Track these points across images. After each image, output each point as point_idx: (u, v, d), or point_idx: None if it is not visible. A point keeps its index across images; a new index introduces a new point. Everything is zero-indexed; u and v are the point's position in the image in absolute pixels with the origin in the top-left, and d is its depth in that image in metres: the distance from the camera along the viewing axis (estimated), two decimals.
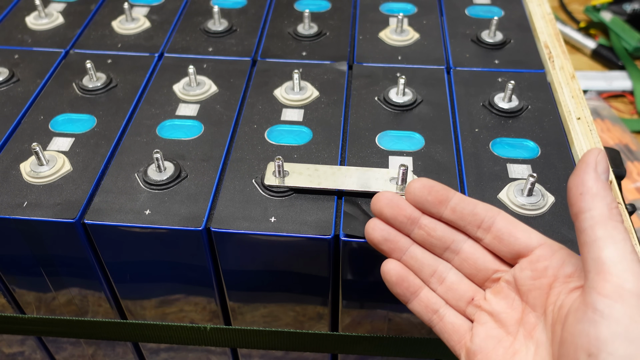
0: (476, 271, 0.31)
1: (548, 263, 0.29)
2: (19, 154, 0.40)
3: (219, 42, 0.51)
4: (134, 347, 0.49)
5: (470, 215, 0.31)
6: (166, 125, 0.43)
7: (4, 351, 0.51)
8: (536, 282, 0.29)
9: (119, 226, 0.36)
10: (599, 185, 0.27)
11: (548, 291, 0.29)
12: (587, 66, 0.94)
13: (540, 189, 0.37)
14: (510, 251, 0.30)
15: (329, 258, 0.37)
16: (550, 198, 0.37)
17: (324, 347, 0.44)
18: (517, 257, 0.30)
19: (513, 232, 0.30)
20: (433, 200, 0.31)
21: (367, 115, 0.44)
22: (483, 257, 0.31)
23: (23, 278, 0.42)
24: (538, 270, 0.29)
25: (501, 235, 0.30)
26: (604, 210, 0.26)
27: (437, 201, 0.31)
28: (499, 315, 0.30)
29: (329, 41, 0.52)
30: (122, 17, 0.54)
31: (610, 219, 0.26)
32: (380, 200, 0.32)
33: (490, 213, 0.30)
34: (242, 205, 0.37)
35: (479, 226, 0.31)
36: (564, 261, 0.29)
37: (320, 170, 0.38)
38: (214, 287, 0.40)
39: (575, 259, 0.29)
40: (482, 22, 0.54)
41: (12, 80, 0.47)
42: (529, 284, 0.29)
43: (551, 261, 0.29)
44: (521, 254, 0.30)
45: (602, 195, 0.27)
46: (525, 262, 0.29)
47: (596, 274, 0.25)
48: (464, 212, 0.31)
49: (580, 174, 0.27)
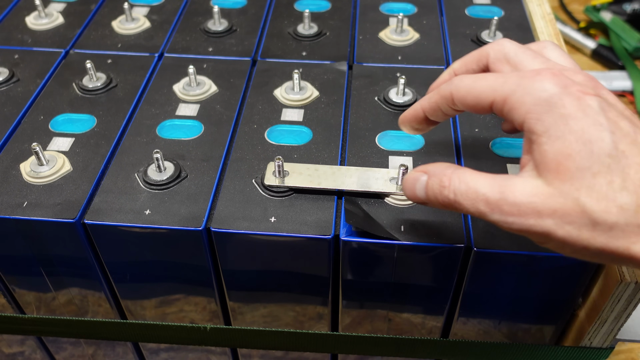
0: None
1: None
2: (19, 154, 0.40)
3: (219, 42, 0.51)
4: (134, 347, 0.49)
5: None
6: (166, 125, 0.43)
7: (4, 351, 0.51)
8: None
9: (119, 226, 0.36)
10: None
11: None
12: (587, 66, 0.94)
13: None
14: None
15: (329, 258, 0.37)
16: None
17: (324, 347, 0.44)
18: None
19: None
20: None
21: (367, 115, 0.44)
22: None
23: (23, 278, 0.42)
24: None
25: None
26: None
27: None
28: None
29: (329, 41, 0.52)
30: (122, 17, 0.54)
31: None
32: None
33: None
34: (242, 205, 0.37)
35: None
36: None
37: (320, 170, 0.38)
38: (214, 287, 0.40)
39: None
40: (482, 22, 0.54)
41: (12, 80, 0.47)
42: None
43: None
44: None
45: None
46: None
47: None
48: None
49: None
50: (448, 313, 0.41)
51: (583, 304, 0.40)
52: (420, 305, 0.41)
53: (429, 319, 0.42)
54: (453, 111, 0.32)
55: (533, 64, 0.30)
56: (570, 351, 0.41)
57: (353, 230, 0.36)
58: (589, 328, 0.39)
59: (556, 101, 0.26)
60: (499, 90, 0.28)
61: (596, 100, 0.26)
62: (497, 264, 0.36)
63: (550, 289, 0.38)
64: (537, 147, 0.27)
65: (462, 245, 0.35)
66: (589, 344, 0.40)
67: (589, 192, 0.25)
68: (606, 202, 0.25)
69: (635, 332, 0.41)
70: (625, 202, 0.24)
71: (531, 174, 0.27)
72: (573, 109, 0.26)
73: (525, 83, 0.27)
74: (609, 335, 0.39)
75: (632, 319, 0.38)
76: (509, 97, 0.28)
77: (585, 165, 0.25)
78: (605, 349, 0.40)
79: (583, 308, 0.40)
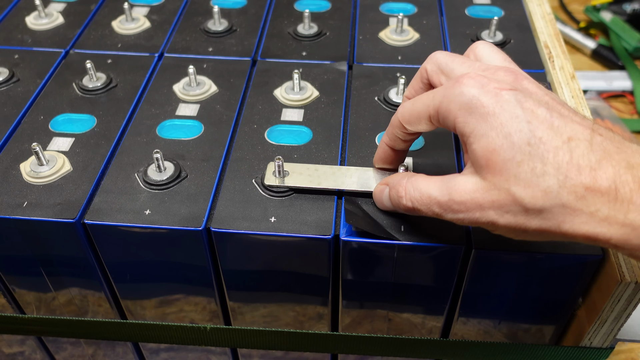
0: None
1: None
2: (19, 154, 0.40)
3: (219, 42, 0.51)
4: (134, 347, 0.49)
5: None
6: (166, 125, 0.43)
7: (4, 351, 0.51)
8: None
9: (119, 226, 0.36)
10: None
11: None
12: (587, 66, 0.94)
13: None
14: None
15: (329, 258, 0.37)
16: None
17: (324, 347, 0.44)
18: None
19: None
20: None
21: (367, 115, 0.44)
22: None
23: (23, 278, 0.42)
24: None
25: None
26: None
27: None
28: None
29: (329, 41, 0.52)
30: (122, 17, 0.54)
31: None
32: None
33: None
34: (242, 205, 0.37)
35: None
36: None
37: (321, 170, 0.38)
38: (214, 287, 0.40)
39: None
40: (482, 22, 0.54)
41: (12, 80, 0.47)
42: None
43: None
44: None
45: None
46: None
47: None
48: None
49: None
50: (448, 313, 0.41)
51: (583, 304, 0.40)
52: (420, 305, 0.41)
53: (429, 319, 0.42)
54: (409, 136, 0.34)
55: (461, 69, 0.32)
56: (570, 351, 0.41)
57: (353, 230, 0.36)
58: (589, 328, 0.39)
59: (475, 102, 0.28)
60: (430, 105, 0.31)
61: (512, 94, 0.28)
62: (497, 264, 0.36)
63: (550, 289, 0.38)
64: (469, 147, 0.29)
65: (462, 245, 0.35)
66: (589, 344, 0.40)
67: (516, 181, 0.27)
68: (532, 189, 0.27)
69: (635, 332, 0.41)
70: (548, 185, 0.26)
71: (470, 171, 0.29)
72: (491, 106, 0.28)
73: (449, 92, 0.29)
74: (609, 335, 0.39)
75: (632, 319, 0.38)
76: (439, 108, 0.30)
77: (509, 157, 0.27)
78: (605, 349, 0.40)
79: (583, 308, 0.40)
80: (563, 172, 0.26)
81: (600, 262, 0.36)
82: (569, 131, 0.27)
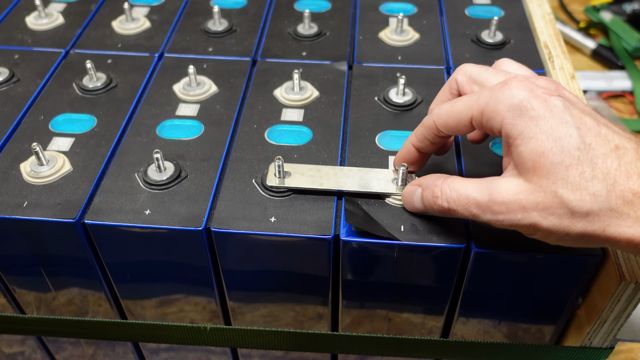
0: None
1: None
2: (19, 154, 0.40)
3: (219, 42, 0.51)
4: (134, 347, 0.49)
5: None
6: (166, 125, 0.43)
7: (4, 351, 0.51)
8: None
9: (119, 226, 0.36)
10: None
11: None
12: (587, 66, 0.94)
13: None
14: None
15: (329, 258, 0.37)
16: None
17: (324, 347, 0.44)
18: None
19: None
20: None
21: (367, 115, 0.44)
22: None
23: (23, 278, 0.42)
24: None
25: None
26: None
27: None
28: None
29: (329, 41, 0.52)
30: (122, 17, 0.54)
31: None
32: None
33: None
34: (242, 205, 0.37)
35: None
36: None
37: (322, 171, 0.38)
38: (214, 287, 0.40)
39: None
40: (482, 22, 0.54)
41: (12, 80, 0.47)
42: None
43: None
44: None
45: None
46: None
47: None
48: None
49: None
50: (448, 313, 0.41)
51: (583, 304, 0.40)
52: (420, 305, 0.41)
53: (429, 319, 0.42)
54: (439, 139, 0.34)
55: (497, 78, 0.33)
56: (570, 351, 0.41)
57: (353, 230, 0.36)
58: (589, 328, 0.39)
59: (526, 104, 0.29)
60: (474, 106, 0.31)
61: (560, 100, 0.29)
62: (497, 264, 0.36)
63: (551, 289, 0.38)
64: (515, 149, 0.29)
65: (462, 245, 0.35)
66: (589, 344, 0.40)
67: (564, 184, 0.28)
68: (580, 192, 0.27)
69: (635, 332, 0.41)
70: (596, 189, 0.27)
71: (512, 173, 0.30)
72: (541, 110, 0.28)
73: (496, 94, 0.30)
74: (609, 335, 0.39)
75: (632, 319, 0.38)
76: (485, 109, 0.30)
77: (558, 160, 0.28)
78: (605, 348, 0.40)
79: (583, 308, 0.40)
80: (612, 177, 0.27)
81: (600, 262, 0.36)
82: (616, 140, 0.28)
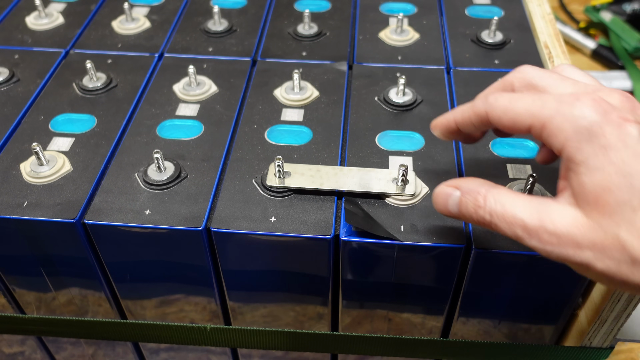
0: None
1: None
2: (19, 154, 0.40)
3: (219, 42, 0.51)
4: (134, 347, 0.49)
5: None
6: (166, 125, 0.43)
7: (4, 351, 0.51)
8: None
9: (119, 226, 0.36)
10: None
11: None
12: (587, 66, 0.94)
13: (540, 189, 0.37)
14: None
15: (329, 258, 0.37)
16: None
17: (324, 347, 0.44)
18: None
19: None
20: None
21: (367, 115, 0.44)
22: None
23: (23, 278, 0.42)
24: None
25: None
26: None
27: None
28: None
29: (329, 41, 0.52)
30: (122, 17, 0.54)
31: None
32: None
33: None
34: (242, 205, 0.37)
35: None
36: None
37: (323, 171, 0.38)
38: (214, 287, 0.40)
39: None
40: (482, 22, 0.54)
41: (12, 80, 0.47)
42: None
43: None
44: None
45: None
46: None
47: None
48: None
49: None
50: (448, 313, 0.41)
51: (583, 304, 0.40)
52: (420, 305, 0.41)
53: (429, 319, 0.42)
54: (485, 127, 0.31)
55: (564, 86, 0.29)
56: (570, 351, 0.41)
57: (353, 230, 0.36)
58: (589, 328, 0.39)
59: (597, 130, 0.26)
60: (537, 115, 0.28)
61: (636, 128, 0.26)
62: (497, 264, 0.36)
63: (550, 289, 0.38)
64: (576, 176, 0.26)
65: (462, 245, 0.35)
66: (589, 344, 0.40)
67: (629, 228, 0.24)
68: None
69: (635, 332, 0.41)
70: None
71: (569, 201, 0.27)
72: (613, 138, 0.25)
73: (565, 109, 0.27)
74: (609, 335, 0.39)
75: (632, 319, 0.38)
76: (548, 122, 0.27)
77: (625, 199, 0.24)
78: (605, 348, 0.40)
79: (583, 308, 0.40)
80: None
81: None
82: None
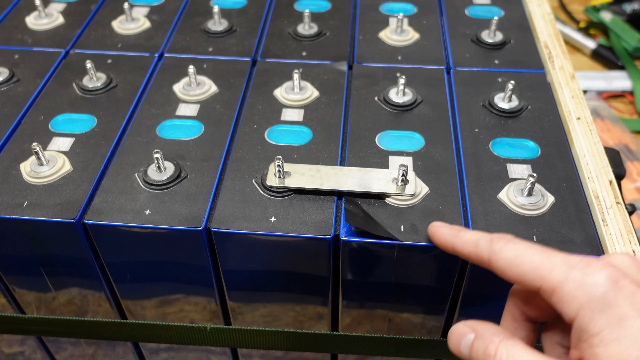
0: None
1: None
2: (19, 154, 0.40)
3: (219, 42, 0.51)
4: (134, 347, 0.49)
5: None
6: (166, 125, 0.43)
7: (4, 351, 0.51)
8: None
9: (119, 226, 0.36)
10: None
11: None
12: (587, 66, 0.94)
13: (540, 189, 0.37)
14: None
15: (329, 258, 0.37)
16: (550, 198, 0.37)
17: (324, 347, 0.44)
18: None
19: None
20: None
21: (367, 115, 0.44)
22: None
23: (23, 278, 0.42)
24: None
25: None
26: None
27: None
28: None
29: (329, 41, 0.52)
30: (122, 17, 0.54)
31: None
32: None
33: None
34: (242, 205, 0.37)
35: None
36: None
37: (323, 171, 0.38)
38: (214, 287, 0.40)
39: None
40: (482, 22, 0.54)
41: (12, 80, 0.47)
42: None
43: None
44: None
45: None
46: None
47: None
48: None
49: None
50: (448, 313, 0.41)
51: None
52: (420, 305, 0.41)
53: (429, 319, 0.42)
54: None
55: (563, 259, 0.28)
56: None
57: (353, 230, 0.36)
58: None
59: (610, 299, 0.25)
60: (546, 278, 0.27)
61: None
62: None
63: None
64: (589, 347, 0.25)
65: None
66: None
67: None
68: None
69: None
70: None
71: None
72: (627, 308, 0.25)
73: (576, 276, 0.26)
74: None
75: None
76: (558, 288, 0.26)
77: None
78: None
79: None
80: None
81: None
82: None
